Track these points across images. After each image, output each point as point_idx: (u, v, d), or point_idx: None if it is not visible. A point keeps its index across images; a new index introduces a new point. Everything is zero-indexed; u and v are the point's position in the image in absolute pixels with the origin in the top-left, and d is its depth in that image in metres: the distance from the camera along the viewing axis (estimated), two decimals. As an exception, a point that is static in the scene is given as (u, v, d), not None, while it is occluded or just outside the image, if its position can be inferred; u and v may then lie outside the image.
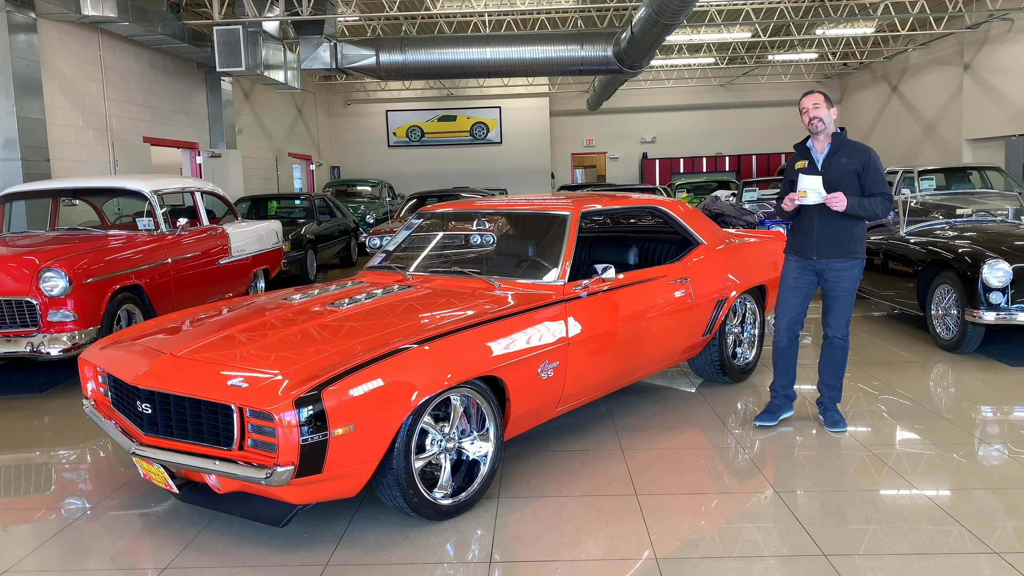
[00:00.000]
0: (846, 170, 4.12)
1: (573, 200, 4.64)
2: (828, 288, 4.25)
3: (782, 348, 4.38)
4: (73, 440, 4.60)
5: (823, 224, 4.16)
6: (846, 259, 4.17)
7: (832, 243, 4.16)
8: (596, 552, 3.04)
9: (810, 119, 4.13)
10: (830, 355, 4.33)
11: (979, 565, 2.85)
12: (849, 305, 4.24)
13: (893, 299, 6.96)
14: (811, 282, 4.30)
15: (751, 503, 3.44)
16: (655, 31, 11.46)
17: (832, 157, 4.17)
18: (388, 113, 23.68)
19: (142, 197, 6.89)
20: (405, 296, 3.98)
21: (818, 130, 4.14)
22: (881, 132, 20.91)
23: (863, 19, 15.58)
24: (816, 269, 4.25)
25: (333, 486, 2.95)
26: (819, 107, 4.11)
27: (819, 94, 4.16)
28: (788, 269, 4.36)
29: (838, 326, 4.26)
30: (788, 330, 4.35)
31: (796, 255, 4.31)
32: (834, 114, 4.15)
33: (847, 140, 4.20)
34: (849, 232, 4.15)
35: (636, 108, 24.00)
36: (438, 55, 14.16)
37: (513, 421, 3.58)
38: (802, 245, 4.26)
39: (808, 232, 4.22)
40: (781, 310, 4.36)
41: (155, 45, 12.70)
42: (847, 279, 4.18)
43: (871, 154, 4.16)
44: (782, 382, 4.42)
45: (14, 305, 5.42)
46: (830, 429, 4.31)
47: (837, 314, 4.25)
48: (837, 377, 4.35)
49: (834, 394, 4.38)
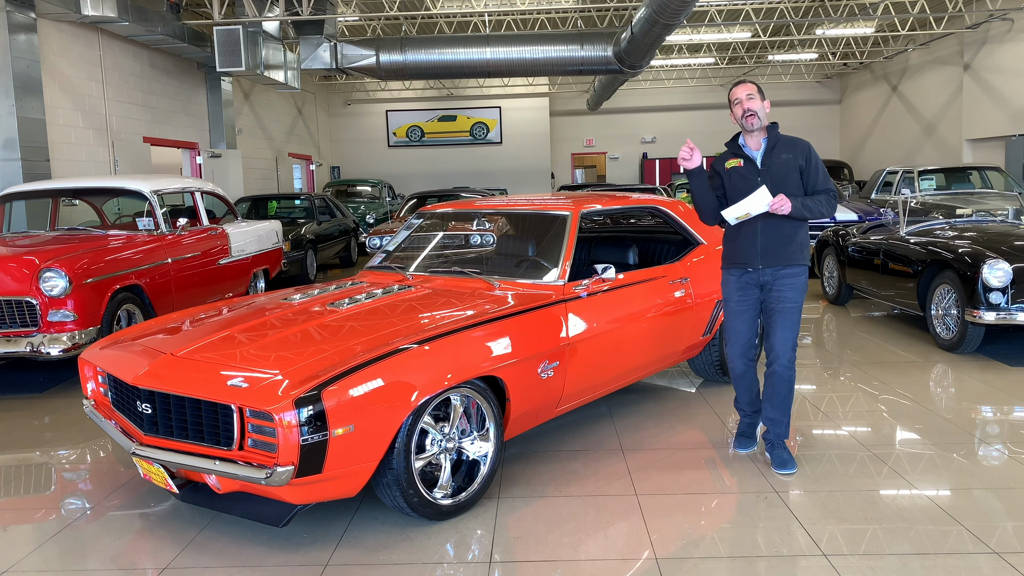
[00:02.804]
0: (789, 167, 3.71)
1: (573, 200, 4.64)
2: (772, 301, 3.76)
3: (739, 375, 3.96)
4: (73, 440, 4.60)
5: (767, 229, 3.70)
6: (792, 266, 3.73)
7: (778, 250, 3.72)
8: (596, 552, 3.04)
9: (744, 111, 3.69)
10: (773, 386, 3.78)
11: (979, 565, 2.85)
12: (795, 322, 3.74)
13: (893, 299, 6.96)
14: (755, 299, 3.83)
15: (751, 503, 3.44)
16: (655, 31, 11.46)
17: (771, 154, 3.73)
18: (388, 113, 23.68)
19: (142, 197, 6.89)
20: (405, 296, 3.98)
21: (753, 126, 3.70)
22: (881, 132, 20.92)
23: (863, 19, 15.57)
24: (759, 282, 3.79)
25: (333, 486, 2.95)
26: (753, 98, 3.69)
27: (752, 84, 3.75)
28: (728, 290, 3.87)
29: (783, 350, 3.73)
30: (742, 356, 3.91)
31: (737, 267, 3.82)
32: (767, 107, 3.72)
33: (782, 135, 3.80)
34: (795, 237, 3.74)
35: (636, 108, 24.00)
36: (438, 55, 14.16)
37: (513, 421, 3.58)
38: (744, 254, 3.78)
39: (750, 239, 3.74)
40: (730, 337, 3.92)
41: (155, 45, 12.70)
42: (793, 287, 3.72)
43: (811, 148, 3.77)
44: (747, 399, 4.02)
45: (14, 305, 5.42)
46: (777, 471, 3.75)
47: (781, 334, 3.73)
48: (783, 411, 3.80)
49: (780, 430, 3.83)
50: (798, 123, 23.65)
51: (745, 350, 3.91)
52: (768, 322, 3.83)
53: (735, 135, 3.90)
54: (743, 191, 3.72)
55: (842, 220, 10.25)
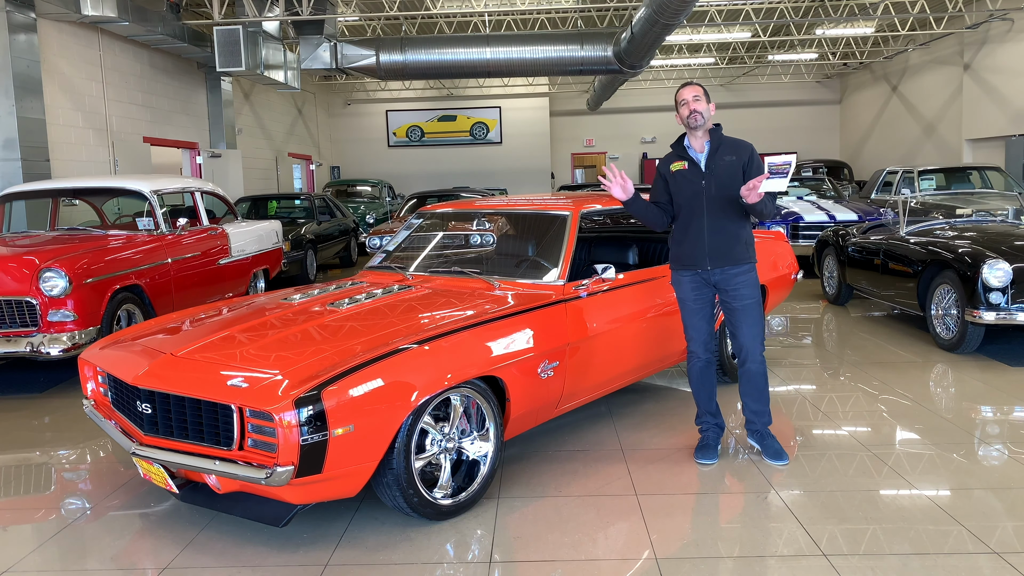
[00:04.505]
0: (732, 168, 3.76)
1: (573, 200, 4.64)
2: (729, 299, 3.83)
3: (699, 371, 3.97)
4: (73, 440, 4.60)
5: (713, 230, 3.78)
6: (739, 264, 3.80)
7: (724, 250, 3.78)
8: (596, 552, 3.04)
9: (690, 112, 3.75)
10: (750, 382, 3.89)
11: (979, 565, 2.85)
12: (757, 316, 3.81)
13: (893, 299, 6.96)
14: (709, 296, 3.89)
15: (751, 503, 3.44)
16: (655, 31, 11.46)
17: (715, 156, 3.80)
18: (388, 113, 23.67)
19: (142, 197, 6.89)
20: (405, 296, 3.98)
21: (697, 124, 3.76)
22: (881, 132, 20.92)
23: (863, 19, 15.57)
24: (711, 281, 3.85)
25: (333, 486, 2.95)
26: (699, 100, 3.75)
27: (698, 86, 3.81)
28: (683, 291, 3.92)
29: (752, 346, 3.82)
30: (705, 350, 3.94)
31: (687, 268, 3.88)
32: (712, 109, 3.80)
33: (725, 137, 3.85)
34: (740, 236, 3.81)
35: (636, 108, 23.99)
36: (438, 55, 14.15)
37: (513, 421, 3.58)
38: (692, 256, 3.83)
39: (698, 241, 3.80)
40: (691, 334, 3.95)
41: (155, 45, 12.70)
42: (746, 284, 3.80)
43: (753, 149, 3.84)
44: (708, 409, 4.01)
45: (14, 305, 5.42)
46: (771, 461, 3.87)
47: (748, 331, 3.81)
48: (763, 401, 3.92)
49: (765, 419, 3.94)
50: (798, 123, 23.72)
51: (707, 343, 3.97)
52: (731, 322, 3.90)
53: (680, 136, 3.95)
54: (687, 194, 3.83)
55: (842, 220, 10.26)
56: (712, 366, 4.01)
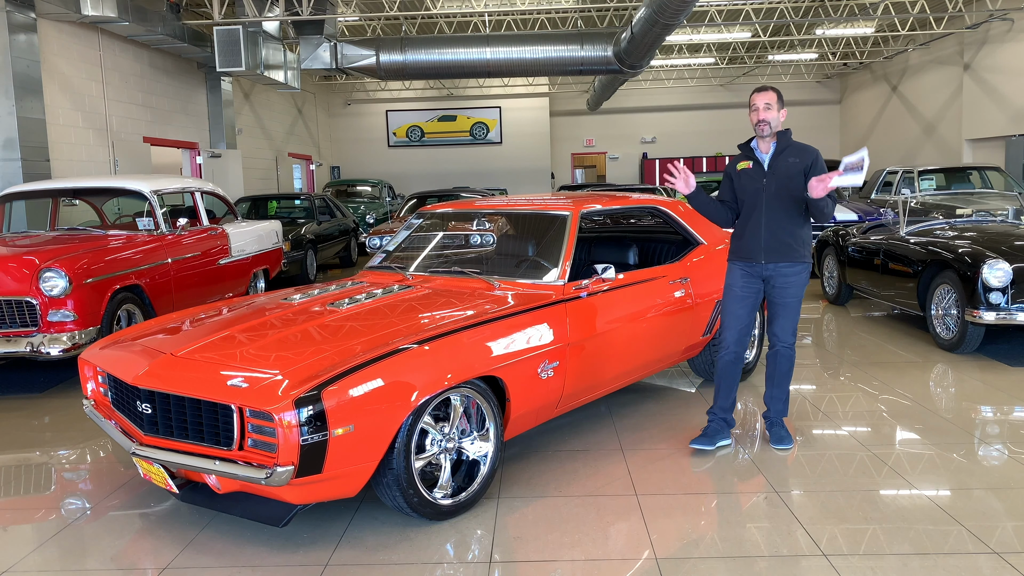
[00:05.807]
0: (794, 170, 3.92)
1: (573, 200, 4.64)
2: (775, 295, 4.03)
3: (727, 363, 4.11)
4: (73, 440, 4.60)
5: (771, 226, 3.95)
6: (794, 263, 3.96)
7: (781, 246, 3.95)
8: (596, 552, 3.04)
9: (758, 120, 3.94)
10: (775, 364, 4.11)
11: (979, 565, 2.85)
12: (796, 312, 4.04)
13: (893, 299, 6.96)
14: (758, 290, 4.06)
15: (751, 503, 3.44)
16: (655, 31, 11.46)
17: (779, 157, 3.97)
18: (388, 113, 23.68)
19: (142, 197, 6.89)
20: (405, 296, 3.98)
21: (764, 133, 3.96)
22: (881, 132, 20.92)
23: (863, 19, 15.57)
24: (763, 275, 4.02)
25: (333, 486, 2.95)
26: (770, 108, 3.92)
27: (772, 92, 3.95)
28: (733, 277, 4.10)
29: (784, 334, 4.05)
30: (737, 343, 4.09)
31: (742, 261, 4.06)
32: (783, 116, 3.97)
33: (793, 141, 4.01)
34: (798, 235, 3.97)
35: (636, 108, 24.00)
36: (438, 55, 14.16)
37: (513, 421, 3.58)
38: (749, 250, 4.01)
39: (755, 236, 3.99)
40: (728, 322, 4.10)
41: (155, 45, 12.71)
42: (795, 284, 3.98)
43: (818, 154, 3.97)
44: (723, 404, 4.14)
45: (14, 305, 5.42)
46: (775, 446, 4.09)
47: (783, 322, 4.03)
48: (783, 388, 4.13)
49: (780, 407, 4.15)
50: (798, 123, 23.66)
51: (741, 335, 4.10)
52: (771, 313, 4.10)
53: (749, 138, 4.13)
54: (749, 191, 4.02)
55: (842, 220, 10.25)
56: (740, 362, 4.13)
